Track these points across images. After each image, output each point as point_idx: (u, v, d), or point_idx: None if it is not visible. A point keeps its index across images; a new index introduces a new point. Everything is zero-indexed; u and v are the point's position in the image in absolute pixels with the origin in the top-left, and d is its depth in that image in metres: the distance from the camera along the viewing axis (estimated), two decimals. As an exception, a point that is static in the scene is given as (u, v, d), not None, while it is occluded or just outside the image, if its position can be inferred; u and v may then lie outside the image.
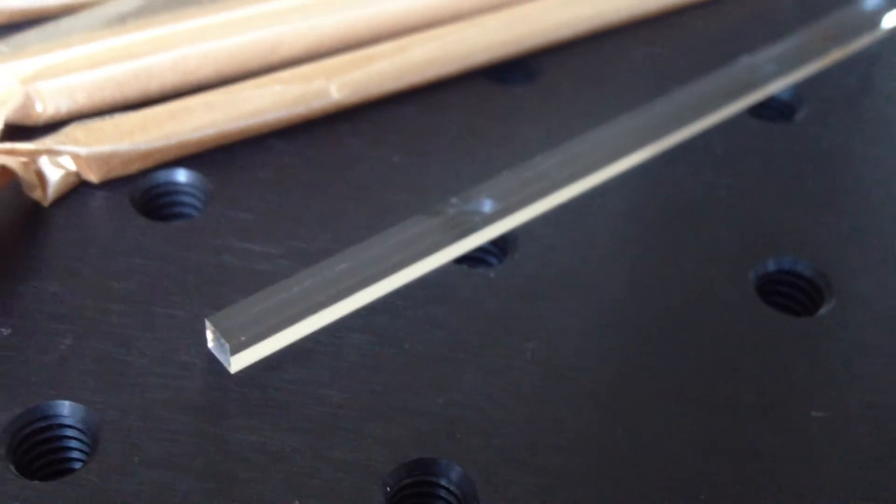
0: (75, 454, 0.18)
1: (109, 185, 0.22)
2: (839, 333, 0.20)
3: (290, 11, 0.25)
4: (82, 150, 0.21)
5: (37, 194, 0.21)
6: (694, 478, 0.17)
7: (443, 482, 0.17)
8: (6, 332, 0.18)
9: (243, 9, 0.25)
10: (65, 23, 0.24)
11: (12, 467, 0.17)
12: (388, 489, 0.17)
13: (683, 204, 0.23)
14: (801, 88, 0.26)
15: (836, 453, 0.18)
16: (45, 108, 0.22)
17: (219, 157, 0.23)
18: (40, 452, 0.17)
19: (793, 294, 0.21)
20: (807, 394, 0.19)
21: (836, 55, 0.27)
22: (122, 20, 0.24)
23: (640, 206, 0.23)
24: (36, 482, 0.17)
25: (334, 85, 0.24)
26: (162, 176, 0.22)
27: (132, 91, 0.23)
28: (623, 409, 0.18)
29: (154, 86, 0.23)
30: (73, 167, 0.21)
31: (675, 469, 0.17)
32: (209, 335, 0.18)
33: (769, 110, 0.26)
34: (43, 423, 0.18)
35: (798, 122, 0.26)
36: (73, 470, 0.17)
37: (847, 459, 0.18)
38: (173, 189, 0.22)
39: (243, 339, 0.18)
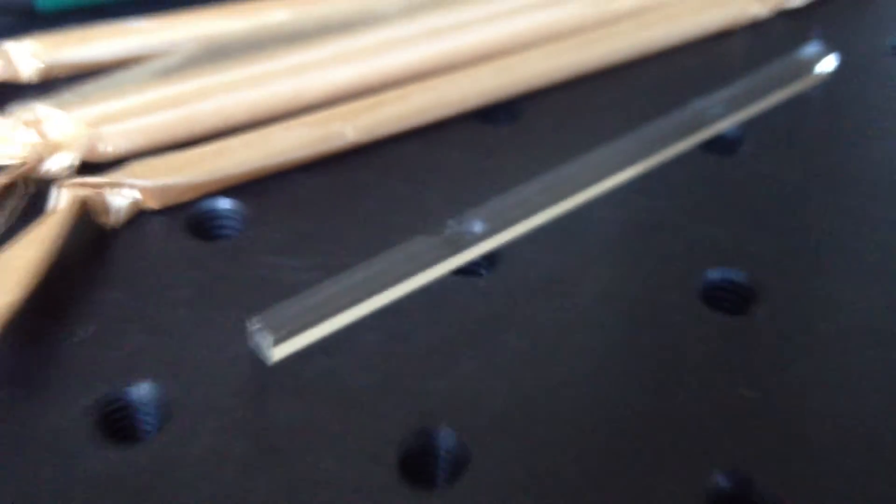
0: (148, 427, 0.20)
1: (164, 211, 0.24)
2: (767, 329, 0.22)
3: (311, 65, 0.27)
4: (143, 183, 0.23)
5: (104, 219, 0.23)
6: (643, 444, 0.20)
7: (443, 446, 0.19)
8: (90, 330, 0.21)
9: (271, 63, 0.27)
10: (119, 75, 0.26)
11: (98, 436, 0.19)
12: (401, 451, 0.19)
13: (643, 224, 0.25)
14: (745, 126, 0.28)
15: (759, 424, 0.20)
16: (108, 148, 0.24)
17: (254, 187, 0.25)
18: (120, 426, 0.20)
19: (730, 297, 0.23)
20: (738, 377, 0.21)
21: (776, 97, 0.29)
22: (167, 73, 0.26)
23: (607, 226, 0.25)
24: (120, 446, 0.19)
25: (349, 127, 0.25)
26: (207, 204, 0.24)
27: (180, 133, 0.25)
28: (589, 390, 0.21)
29: (198, 129, 0.25)
30: (134, 197, 0.23)
31: (628, 436, 0.20)
32: (253, 332, 0.20)
33: (717, 145, 0.28)
34: (121, 403, 0.20)
35: (742, 155, 0.27)
36: (147, 438, 0.19)
37: (767, 428, 0.20)
38: (217, 214, 0.24)
39: (282, 334, 0.20)
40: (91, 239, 0.23)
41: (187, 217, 0.24)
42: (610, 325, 0.22)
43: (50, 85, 0.27)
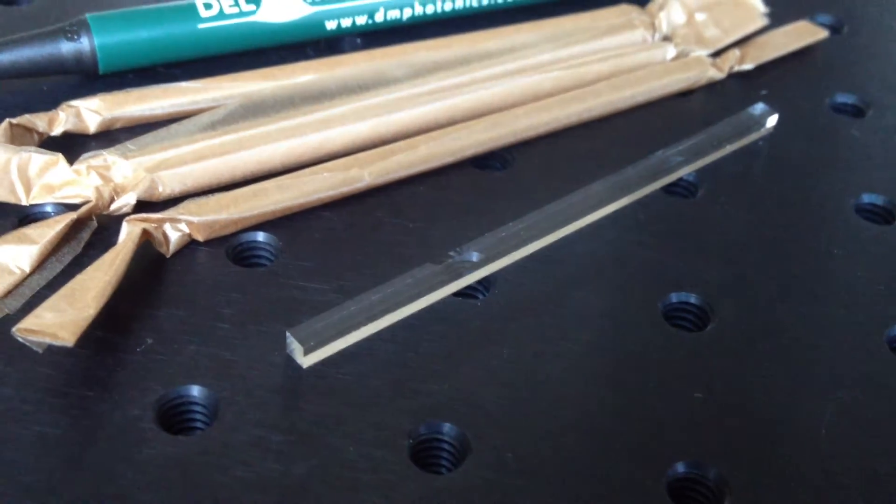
0: (199, 424, 0.21)
1: (211, 243, 0.25)
2: (718, 344, 0.24)
3: (334, 119, 0.28)
4: (194, 219, 0.25)
5: (162, 249, 0.24)
6: (615, 437, 0.21)
7: (447, 437, 0.21)
8: (150, 341, 0.22)
9: (298, 118, 0.28)
10: (173, 128, 0.28)
11: (159, 429, 0.20)
12: (411, 441, 0.21)
13: (613, 256, 0.26)
14: (701, 173, 0.29)
15: (708, 421, 0.22)
16: (164, 189, 0.26)
17: (286, 223, 0.26)
18: (178, 420, 0.21)
19: (687, 317, 0.25)
20: (692, 381, 0.23)
21: (729, 148, 0.30)
22: (213, 126, 0.28)
23: (583, 257, 0.26)
24: (177, 437, 0.20)
25: (366, 172, 0.27)
26: (247, 236, 0.25)
27: (224, 177, 0.27)
28: (569, 393, 0.22)
29: (239, 173, 0.27)
30: (186, 230, 0.25)
31: (603, 431, 0.21)
32: (288, 342, 0.22)
33: (678, 188, 0.29)
34: (179, 401, 0.21)
35: (699, 197, 0.29)
36: (200, 431, 0.21)
37: (717, 425, 0.22)
38: (255, 246, 0.26)
39: (312, 344, 0.21)
40: (152, 265, 0.24)
41: (230, 248, 0.25)
42: (586, 338, 0.24)
43: (111, 135, 0.29)
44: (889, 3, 0.41)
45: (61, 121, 0.28)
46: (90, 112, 0.29)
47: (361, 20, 0.34)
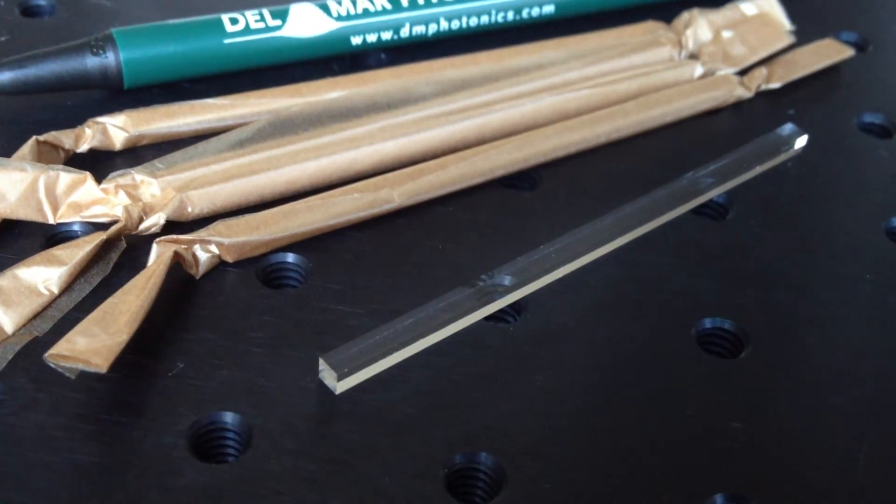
0: (231, 451, 0.21)
1: (240, 264, 0.25)
2: (753, 370, 0.24)
3: (361, 138, 0.28)
4: (224, 240, 0.24)
5: (192, 270, 0.24)
6: (652, 467, 0.21)
7: (482, 467, 0.21)
8: (181, 365, 0.22)
9: (327, 137, 0.28)
10: (201, 146, 0.27)
11: (192, 456, 0.20)
12: (446, 470, 0.21)
13: (645, 279, 0.26)
14: (731, 194, 0.29)
15: (746, 450, 0.22)
16: (193, 209, 0.26)
17: (316, 244, 0.26)
18: (211, 447, 0.21)
19: (721, 343, 0.25)
20: (729, 411, 0.23)
21: (758, 170, 0.30)
22: (241, 145, 0.28)
23: (615, 280, 0.26)
24: (211, 465, 0.20)
25: (395, 192, 0.27)
26: (277, 258, 0.25)
27: (253, 197, 0.26)
28: (601, 419, 0.22)
29: (268, 193, 0.27)
30: (216, 251, 0.24)
31: (639, 460, 0.21)
32: (321, 368, 0.22)
33: (708, 210, 0.29)
34: (212, 427, 0.21)
35: (729, 220, 0.29)
36: (233, 458, 0.21)
37: (756, 455, 0.22)
38: (285, 267, 0.25)
39: (345, 370, 0.22)
40: (181, 287, 0.24)
41: (259, 269, 0.25)
42: (619, 365, 0.24)
43: (137, 152, 0.28)
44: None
45: (87, 137, 0.28)
46: (116, 129, 0.29)
47: (387, 35, 0.34)
